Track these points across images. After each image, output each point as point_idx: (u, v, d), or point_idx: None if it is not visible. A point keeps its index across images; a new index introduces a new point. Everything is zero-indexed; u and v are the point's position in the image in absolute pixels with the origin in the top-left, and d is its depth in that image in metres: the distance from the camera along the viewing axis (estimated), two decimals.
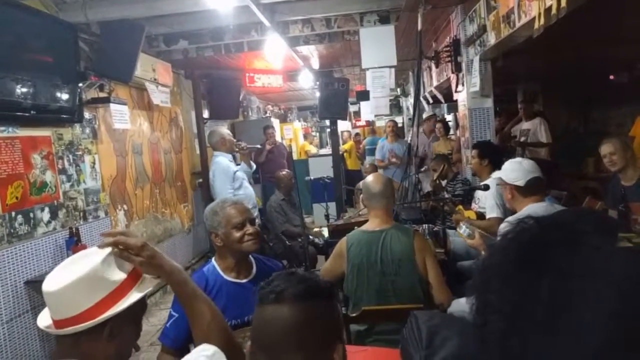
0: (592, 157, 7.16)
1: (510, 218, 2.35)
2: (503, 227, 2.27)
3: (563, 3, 2.22)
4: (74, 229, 3.44)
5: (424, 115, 8.45)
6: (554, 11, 2.32)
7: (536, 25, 2.55)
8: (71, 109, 3.52)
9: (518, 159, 2.81)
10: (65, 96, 3.42)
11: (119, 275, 1.13)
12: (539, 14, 2.52)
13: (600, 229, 0.66)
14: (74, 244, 3.32)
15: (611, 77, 7.48)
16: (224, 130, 4.60)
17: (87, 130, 4.01)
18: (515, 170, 2.61)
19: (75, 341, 1.09)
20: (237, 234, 1.93)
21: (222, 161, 4.37)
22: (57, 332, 1.10)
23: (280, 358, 0.90)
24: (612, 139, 3.30)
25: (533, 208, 2.47)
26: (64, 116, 3.53)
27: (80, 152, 3.87)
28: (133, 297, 1.14)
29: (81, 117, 3.72)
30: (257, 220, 4.13)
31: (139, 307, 1.19)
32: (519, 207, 2.57)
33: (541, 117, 5.54)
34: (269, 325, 0.91)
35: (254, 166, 4.81)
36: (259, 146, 6.48)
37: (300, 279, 0.95)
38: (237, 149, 4.55)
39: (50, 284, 1.10)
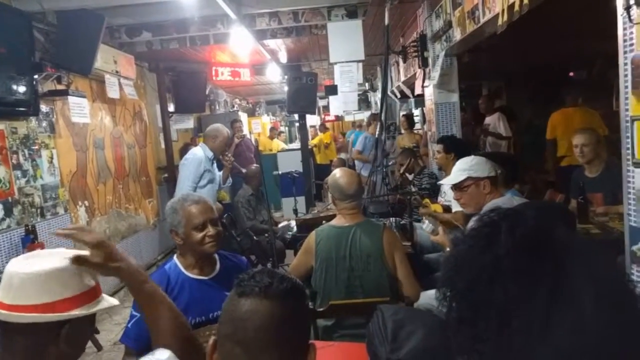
0: None
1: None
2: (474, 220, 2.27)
3: (525, 0, 2.26)
4: (30, 227, 3.30)
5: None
6: (516, 8, 2.36)
7: (500, 22, 2.59)
8: (26, 101, 3.36)
9: (470, 157, 2.70)
10: (19, 88, 3.26)
11: (90, 281, 1.12)
12: (503, 10, 2.56)
13: (561, 221, 0.66)
14: (30, 241, 3.18)
15: (571, 74, 7.72)
16: (224, 130, 4.23)
17: (44, 124, 3.84)
18: (484, 162, 2.48)
19: (28, 345, 1.03)
20: (198, 236, 1.86)
21: (198, 153, 4.09)
22: (8, 315, 1.01)
23: (256, 354, 0.87)
24: (587, 131, 3.34)
25: (497, 202, 2.45)
26: (18, 109, 3.38)
27: (36, 147, 3.71)
28: (103, 303, 1.11)
29: (37, 110, 3.56)
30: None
31: (94, 314, 1.15)
32: (487, 202, 2.48)
33: (500, 112, 5.69)
34: (251, 319, 0.87)
35: (230, 182, 4.55)
36: (243, 170, 6.31)
37: (284, 277, 0.94)
38: (221, 157, 4.31)
39: (19, 266, 1.04)
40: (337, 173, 2.44)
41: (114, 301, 1.16)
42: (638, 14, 1.43)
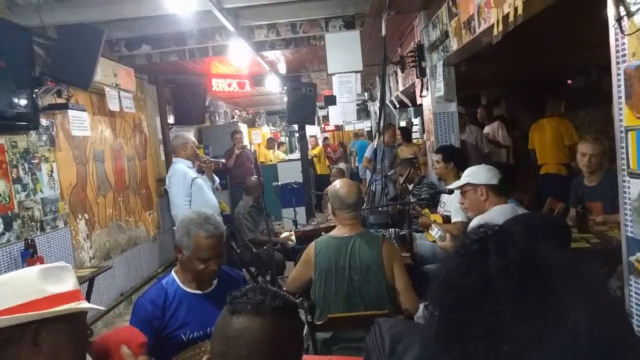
0: None
1: (474, 222, 2.38)
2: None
3: (520, 10, 2.27)
4: (29, 241, 3.29)
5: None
6: (511, 18, 2.37)
7: (495, 32, 2.60)
8: (26, 115, 3.38)
9: (479, 165, 2.81)
10: (19, 102, 3.28)
11: (56, 288, 1.11)
12: (498, 21, 2.57)
13: (549, 236, 0.65)
14: (29, 255, 3.18)
15: (569, 81, 7.75)
16: (189, 136, 4.36)
17: (44, 138, 3.86)
18: (486, 171, 2.62)
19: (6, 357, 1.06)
20: (200, 266, 1.86)
21: (180, 168, 4.10)
22: None
23: None
24: (597, 141, 3.29)
25: (499, 210, 2.49)
26: (19, 123, 3.39)
27: (36, 160, 3.72)
28: (61, 308, 1.10)
29: (37, 124, 3.58)
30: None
31: (76, 324, 1.16)
32: (488, 208, 2.56)
33: (500, 121, 5.72)
34: (243, 337, 0.86)
35: (217, 180, 4.60)
36: (222, 160, 6.42)
37: (276, 294, 0.93)
38: (199, 162, 4.36)
39: None
40: (337, 184, 2.46)
41: (67, 307, 1.13)
42: (629, 25, 1.44)
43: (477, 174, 2.60)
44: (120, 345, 1.28)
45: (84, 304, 1.17)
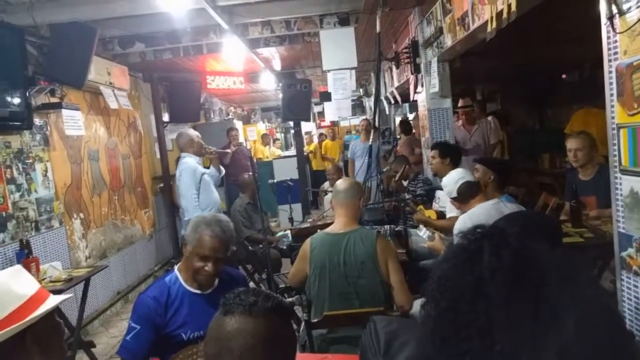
0: (548, 153, 7.42)
1: (459, 225, 2.43)
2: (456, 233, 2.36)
3: (513, 7, 2.27)
4: (24, 241, 3.28)
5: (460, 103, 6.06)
6: (505, 15, 2.37)
7: (489, 29, 2.60)
8: (19, 115, 3.36)
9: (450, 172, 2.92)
10: (12, 102, 3.26)
11: (29, 290, 1.14)
12: (492, 18, 2.57)
13: (544, 236, 0.66)
14: (24, 256, 3.17)
15: (564, 76, 7.77)
16: (193, 131, 4.54)
17: (38, 137, 3.84)
18: (446, 184, 2.77)
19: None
20: (197, 264, 1.88)
21: (190, 162, 4.31)
22: None
23: None
24: (581, 135, 3.34)
25: (478, 209, 2.55)
26: (12, 123, 3.37)
27: (30, 160, 3.70)
28: (45, 306, 1.13)
29: (31, 124, 3.56)
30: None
31: (54, 317, 1.19)
32: (473, 205, 2.66)
33: (493, 117, 5.72)
34: (236, 338, 0.86)
35: (223, 171, 4.76)
36: (228, 150, 6.54)
37: (269, 295, 0.94)
38: (205, 154, 4.52)
39: None
40: (339, 182, 2.60)
41: (51, 303, 1.17)
42: (621, 23, 1.45)
43: (444, 188, 2.82)
44: None
45: (58, 297, 1.21)
